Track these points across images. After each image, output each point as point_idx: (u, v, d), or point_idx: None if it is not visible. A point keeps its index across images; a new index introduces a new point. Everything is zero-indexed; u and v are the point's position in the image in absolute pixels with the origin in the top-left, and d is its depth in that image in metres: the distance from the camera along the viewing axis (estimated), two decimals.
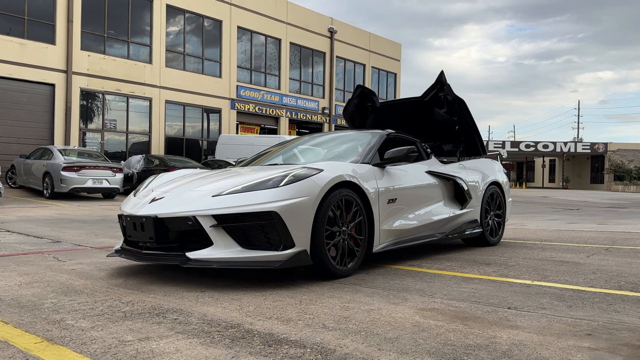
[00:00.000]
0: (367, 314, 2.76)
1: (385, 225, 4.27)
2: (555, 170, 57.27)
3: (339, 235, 3.78)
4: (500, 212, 6.12)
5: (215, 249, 3.42)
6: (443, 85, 5.91)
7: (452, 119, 6.12)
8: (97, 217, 9.94)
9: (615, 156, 48.99)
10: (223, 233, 3.44)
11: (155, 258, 3.58)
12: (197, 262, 3.38)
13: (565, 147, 49.54)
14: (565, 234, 7.51)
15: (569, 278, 3.82)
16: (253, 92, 26.48)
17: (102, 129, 21.10)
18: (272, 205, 3.39)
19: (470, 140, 6.20)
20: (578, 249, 5.59)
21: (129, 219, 3.73)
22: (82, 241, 6.27)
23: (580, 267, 4.35)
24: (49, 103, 19.60)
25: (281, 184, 3.52)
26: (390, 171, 4.51)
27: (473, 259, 4.80)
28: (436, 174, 5.12)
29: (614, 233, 7.64)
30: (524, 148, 49.96)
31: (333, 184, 3.72)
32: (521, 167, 64.45)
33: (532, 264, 4.53)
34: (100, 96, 21.06)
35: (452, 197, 5.35)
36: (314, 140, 5.53)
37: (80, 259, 4.83)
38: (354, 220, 3.94)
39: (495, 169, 6.23)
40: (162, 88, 22.74)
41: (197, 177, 4.30)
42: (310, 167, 3.75)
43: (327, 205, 3.66)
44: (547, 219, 11.81)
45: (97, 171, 14.94)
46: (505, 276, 3.92)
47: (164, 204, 3.65)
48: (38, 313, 2.80)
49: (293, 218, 3.44)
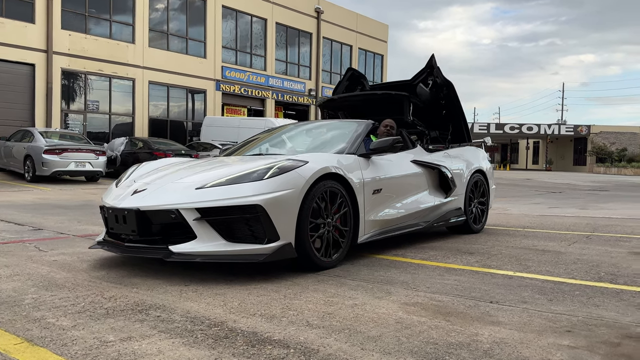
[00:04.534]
0: (351, 309, 2.77)
1: (370, 216, 4.27)
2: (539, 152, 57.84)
3: (323, 227, 3.78)
4: (484, 199, 6.17)
5: (198, 242, 3.39)
6: (433, 68, 5.90)
7: (440, 102, 6.10)
8: (79, 202, 9.83)
9: (598, 138, 49.57)
10: (207, 226, 3.41)
11: (138, 251, 3.55)
12: (180, 256, 3.36)
13: (549, 130, 49.98)
14: (548, 219, 7.60)
15: (551, 268, 3.87)
16: (238, 73, 26.19)
17: (85, 110, 20.75)
18: (256, 199, 3.37)
19: (456, 126, 6.21)
20: (560, 237, 5.66)
21: (111, 212, 3.68)
22: (64, 228, 6.19)
23: (562, 256, 4.40)
24: (29, 84, 19.19)
25: (265, 177, 3.49)
26: (376, 161, 4.50)
27: (457, 248, 4.84)
28: (421, 163, 5.12)
29: (595, 219, 7.75)
30: (509, 130, 50.31)
31: (318, 176, 3.70)
32: (505, 149, 64.98)
33: (514, 253, 4.57)
34: (82, 77, 20.67)
35: (436, 186, 5.37)
36: (300, 128, 5.49)
37: (62, 248, 4.77)
38: (339, 211, 3.94)
39: (480, 156, 6.26)
40: (145, 68, 22.37)
41: (180, 167, 4.25)
42: (295, 159, 3.72)
43: (312, 197, 3.65)
44: (530, 203, 11.94)
45: (80, 154, 14.73)
46: (487, 267, 3.95)
47: (147, 196, 3.60)
48: (18, 310, 2.76)
49: (277, 211, 3.42)
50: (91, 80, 20.97)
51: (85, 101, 20.81)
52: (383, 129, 5.22)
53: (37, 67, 19.23)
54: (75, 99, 20.66)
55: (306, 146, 4.77)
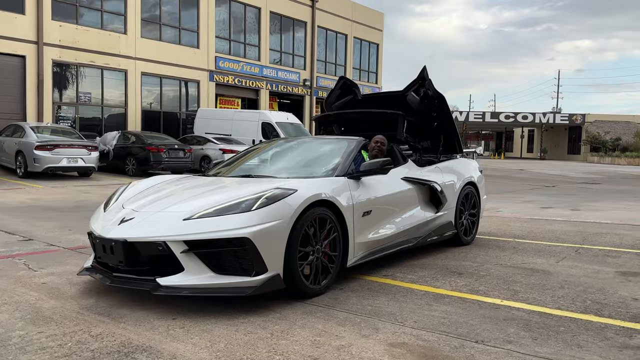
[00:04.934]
0: (337, 353, 2.78)
1: (359, 239, 4.27)
2: (533, 140, 57.96)
3: (312, 254, 3.78)
4: (475, 210, 6.18)
5: (186, 274, 3.39)
6: (425, 80, 5.89)
7: (431, 115, 6.11)
8: (72, 204, 9.79)
9: (593, 127, 49.68)
10: (195, 258, 3.41)
11: (126, 282, 3.54)
12: (167, 289, 3.36)
13: (544, 118, 50.02)
14: (539, 225, 7.63)
15: (538, 295, 3.90)
16: (232, 64, 25.99)
17: (77, 102, 20.58)
18: (244, 231, 3.36)
19: (448, 138, 6.22)
20: (549, 250, 5.69)
21: (99, 241, 3.67)
22: (55, 239, 6.18)
23: (550, 278, 4.43)
24: (19, 76, 18.99)
25: (254, 208, 3.48)
26: (366, 182, 4.49)
27: (446, 266, 4.86)
28: (412, 180, 5.12)
29: (585, 225, 7.80)
30: (504, 119, 50.33)
31: (307, 204, 3.70)
32: (500, 137, 65.08)
33: (503, 273, 4.60)
34: (74, 68, 20.46)
35: (427, 201, 5.38)
36: (289, 145, 5.46)
37: (52, 266, 4.76)
38: (328, 237, 3.94)
39: (470, 168, 6.26)
40: (137, 59, 22.16)
41: (169, 190, 4.22)
42: (284, 188, 3.71)
43: (301, 226, 3.65)
44: (522, 202, 11.99)
45: (72, 150, 14.64)
46: (476, 292, 3.97)
47: (134, 226, 3.59)
48: (5, 353, 2.76)
49: (266, 243, 3.42)
50: (83, 72, 20.76)
51: (77, 93, 20.62)
52: (374, 145, 5.20)
53: (27, 58, 19.01)
54: (67, 91, 20.46)
55: (295, 167, 4.75)
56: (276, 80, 28.32)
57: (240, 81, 26.45)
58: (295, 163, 4.88)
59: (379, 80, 35.97)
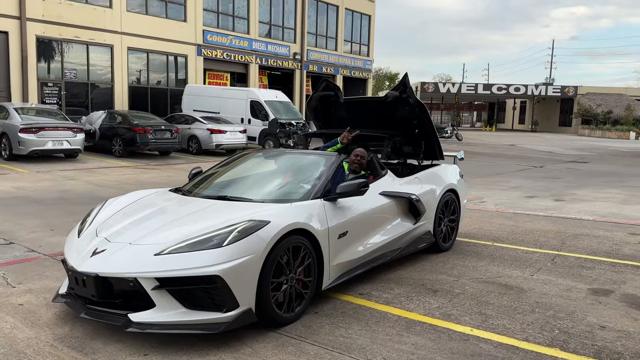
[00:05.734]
0: None
1: (335, 261, 4.30)
2: (525, 111, 57.93)
3: (286, 283, 3.81)
4: (455, 216, 6.22)
5: (158, 311, 3.41)
6: (406, 87, 5.86)
7: (412, 122, 6.11)
8: (56, 194, 9.75)
9: (585, 100, 49.65)
10: (166, 295, 3.42)
11: (99, 315, 3.56)
12: (139, 326, 3.38)
13: (536, 90, 49.91)
14: (520, 224, 7.70)
15: (508, 322, 3.97)
16: (220, 37, 25.55)
17: (62, 79, 20.23)
18: (215, 269, 3.37)
19: (428, 144, 6.21)
20: (526, 259, 5.76)
21: (71, 273, 3.67)
22: (37, 242, 6.19)
23: (522, 298, 4.50)
24: (3, 53, 18.59)
25: (225, 243, 3.48)
26: (342, 202, 4.49)
27: (422, 282, 4.91)
28: (390, 194, 5.12)
29: (566, 223, 7.88)
30: (496, 91, 50.17)
31: (281, 235, 3.70)
32: (493, 107, 64.96)
33: (477, 290, 4.66)
34: (58, 44, 20.05)
35: (406, 212, 5.40)
36: (266, 161, 5.42)
37: (31, 280, 4.79)
38: (303, 264, 3.96)
39: (450, 174, 6.27)
40: (123, 34, 21.73)
41: (142, 214, 4.19)
42: (256, 220, 3.70)
43: (274, 257, 3.66)
44: (508, 187, 12.07)
45: (57, 132, 14.50)
46: (447, 317, 4.04)
47: (106, 260, 3.58)
48: None
49: (237, 279, 3.43)
50: (68, 48, 20.36)
51: (62, 70, 20.26)
52: (354, 159, 5.20)
53: (10, 35, 18.59)
54: (52, 68, 20.09)
55: (271, 187, 4.72)
56: (266, 54, 27.92)
57: (229, 55, 26.06)
58: (271, 182, 4.85)
59: (371, 53, 35.56)
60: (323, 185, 4.47)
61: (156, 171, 13.91)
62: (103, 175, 12.65)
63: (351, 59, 33.57)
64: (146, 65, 23.10)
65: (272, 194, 4.52)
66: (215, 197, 4.46)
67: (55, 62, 20.16)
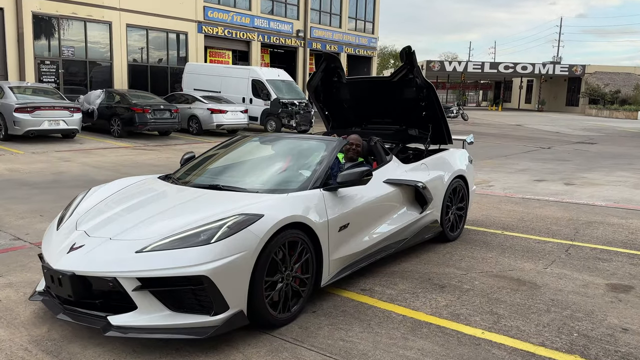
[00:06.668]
0: None
1: (335, 255, 3.99)
2: (532, 90, 57.04)
3: (281, 282, 3.51)
4: (463, 204, 5.89)
5: (139, 313, 3.12)
6: (413, 67, 5.48)
7: (419, 104, 5.74)
8: (50, 176, 9.45)
9: (592, 79, 48.77)
10: (149, 296, 3.12)
11: (76, 317, 3.26)
12: (119, 330, 3.08)
13: (543, 69, 49.02)
14: (530, 210, 7.37)
15: (522, 323, 3.66)
16: (222, 14, 24.96)
17: (59, 56, 19.79)
18: (201, 269, 3.06)
19: (436, 128, 5.85)
20: (538, 250, 5.44)
21: (47, 271, 3.36)
22: (24, 228, 5.92)
23: (536, 294, 4.19)
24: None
25: (213, 240, 3.17)
26: (343, 192, 4.16)
27: (428, 275, 4.61)
28: (395, 182, 4.78)
29: (578, 209, 7.53)
30: (503, 70, 49.31)
31: (276, 229, 3.39)
32: (499, 86, 64.02)
33: (487, 286, 4.36)
34: (55, 21, 19.56)
35: (412, 201, 5.07)
36: (263, 146, 5.07)
37: (13, 272, 4.53)
38: (300, 260, 3.66)
39: (458, 159, 5.91)
40: (122, 10, 21.20)
41: (126, 205, 3.86)
42: (248, 214, 3.38)
43: (268, 254, 3.35)
44: (516, 170, 11.71)
45: (53, 112, 14.13)
46: (456, 317, 3.73)
47: (83, 257, 3.27)
48: None
49: (226, 280, 3.13)
50: (65, 25, 19.87)
51: (60, 47, 19.81)
52: (349, 147, 4.89)
53: (5, 11, 18.12)
54: (49, 45, 19.64)
55: (267, 175, 4.38)
56: (268, 32, 27.32)
57: (230, 33, 25.49)
58: (267, 170, 4.51)
59: (376, 31, 34.82)
60: (323, 174, 4.13)
61: (155, 152, 13.58)
62: (100, 157, 12.34)
63: (356, 37, 32.87)
64: (146, 43, 22.60)
65: (267, 183, 4.18)
66: (206, 186, 4.13)
67: (53, 40, 19.70)
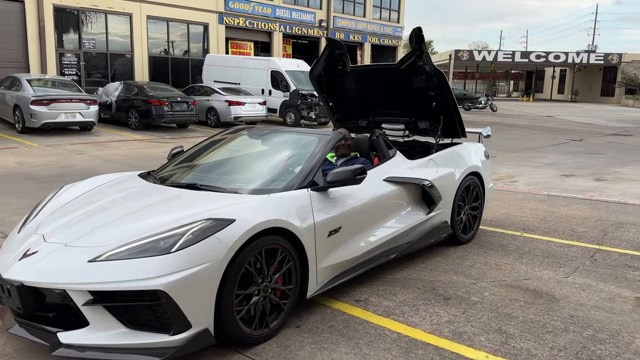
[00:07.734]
0: None
1: (324, 263, 3.58)
2: (565, 80, 55.13)
3: (257, 294, 3.12)
4: (477, 203, 5.39)
5: (92, 330, 2.76)
6: (422, 53, 4.99)
7: (429, 93, 5.25)
8: (58, 170, 9.29)
9: (629, 68, 46.78)
10: (102, 310, 2.77)
11: (27, 331, 2.92)
12: (69, 349, 2.74)
13: (577, 58, 47.27)
14: (555, 209, 6.79)
15: (533, 346, 3.19)
16: (243, 4, 24.64)
17: (80, 49, 19.79)
18: (158, 282, 2.69)
19: (448, 120, 5.35)
20: (560, 255, 4.92)
21: None
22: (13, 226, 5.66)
23: (553, 309, 3.70)
24: (20, 23, 18.23)
25: (173, 250, 2.79)
26: (334, 192, 3.73)
27: (433, 285, 4.15)
28: (396, 180, 4.32)
29: (607, 208, 6.92)
30: (535, 59, 47.75)
31: (249, 236, 2.99)
32: (531, 76, 62.14)
33: (498, 299, 3.88)
34: (76, 13, 19.55)
35: (418, 200, 4.61)
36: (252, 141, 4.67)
37: None
38: (281, 269, 3.26)
39: (473, 154, 5.41)
40: (142, 2, 21.08)
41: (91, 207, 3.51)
42: (217, 219, 2.98)
43: (240, 264, 2.96)
44: (543, 164, 11.05)
45: (69, 104, 14.03)
46: (459, 337, 3.28)
47: (34, 265, 2.94)
48: None
49: (187, 295, 2.75)
50: (86, 17, 19.85)
51: (81, 40, 19.80)
52: (337, 144, 4.44)
53: (26, 4, 18.17)
54: (70, 38, 19.66)
55: (251, 173, 3.98)
56: (290, 22, 26.88)
57: (251, 23, 25.17)
58: (252, 167, 4.11)
59: (401, 19, 34.01)
60: (312, 172, 3.71)
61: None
62: (113, 150, 12.17)
63: (380, 26, 32.15)
64: (166, 35, 22.47)
65: (249, 182, 3.77)
66: (184, 186, 3.75)
67: (74, 32, 19.70)
